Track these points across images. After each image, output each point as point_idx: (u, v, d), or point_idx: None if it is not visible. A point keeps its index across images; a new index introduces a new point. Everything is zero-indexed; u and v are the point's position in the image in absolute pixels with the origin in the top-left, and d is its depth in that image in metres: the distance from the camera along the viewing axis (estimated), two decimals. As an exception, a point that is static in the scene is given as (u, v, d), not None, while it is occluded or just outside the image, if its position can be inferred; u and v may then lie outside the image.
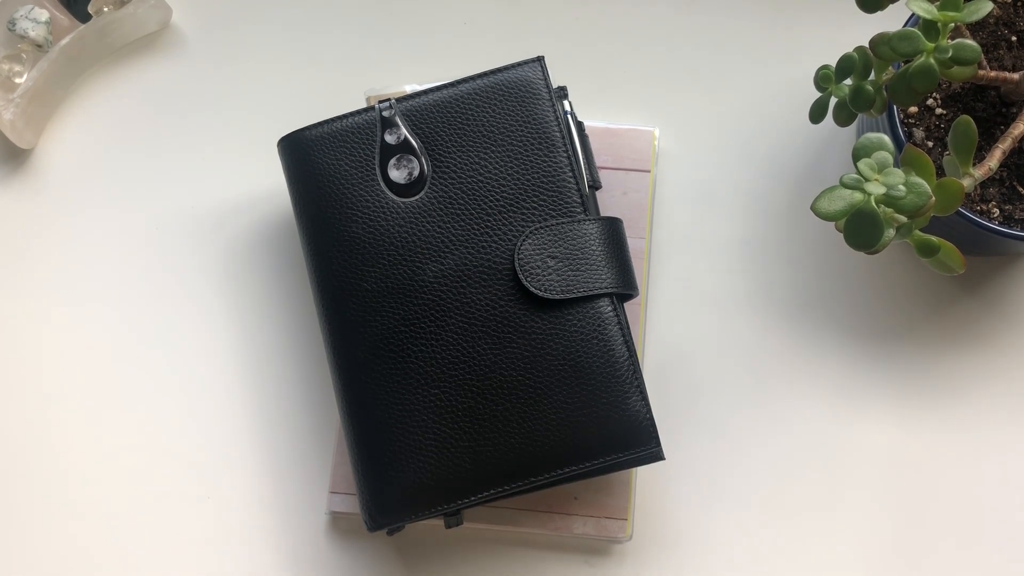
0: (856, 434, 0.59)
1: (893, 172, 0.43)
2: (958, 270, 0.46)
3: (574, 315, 0.53)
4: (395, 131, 0.55)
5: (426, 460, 0.52)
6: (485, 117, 0.55)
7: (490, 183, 0.54)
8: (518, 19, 0.64)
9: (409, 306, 0.53)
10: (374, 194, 0.54)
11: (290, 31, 0.65)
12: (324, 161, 0.55)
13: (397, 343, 0.53)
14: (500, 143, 0.55)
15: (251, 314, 0.61)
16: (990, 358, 0.60)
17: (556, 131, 0.55)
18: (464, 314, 0.53)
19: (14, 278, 0.62)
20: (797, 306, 0.61)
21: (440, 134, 0.55)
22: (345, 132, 0.55)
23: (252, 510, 0.59)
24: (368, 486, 0.53)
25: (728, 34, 0.64)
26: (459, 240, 0.54)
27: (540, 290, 0.52)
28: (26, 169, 0.64)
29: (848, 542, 0.58)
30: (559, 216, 0.54)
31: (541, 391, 0.52)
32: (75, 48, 0.63)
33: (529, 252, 0.53)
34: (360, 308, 0.53)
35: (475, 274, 0.53)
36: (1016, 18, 0.55)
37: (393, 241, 0.54)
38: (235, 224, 0.62)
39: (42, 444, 0.60)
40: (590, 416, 0.52)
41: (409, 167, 0.54)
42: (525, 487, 0.52)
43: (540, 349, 0.53)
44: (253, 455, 0.59)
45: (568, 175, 0.54)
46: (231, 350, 0.61)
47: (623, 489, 0.57)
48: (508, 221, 0.54)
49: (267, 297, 0.61)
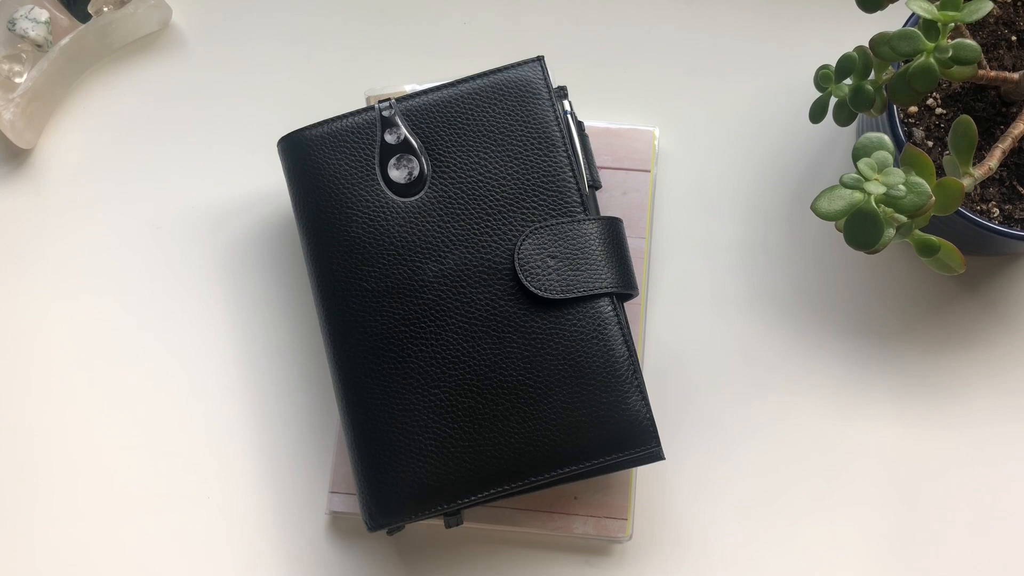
0: (856, 433, 0.59)
1: (893, 172, 0.43)
2: (958, 270, 0.46)
3: (574, 315, 0.53)
4: (395, 131, 0.55)
5: (426, 460, 0.52)
6: (485, 117, 0.55)
7: (490, 183, 0.54)
8: (518, 19, 0.64)
9: (409, 306, 0.53)
10: (374, 194, 0.54)
11: (290, 31, 0.65)
12: (324, 161, 0.55)
13: (397, 342, 0.53)
14: (500, 143, 0.55)
15: (252, 313, 0.61)
16: (990, 358, 0.60)
17: (556, 131, 0.55)
18: (464, 314, 0.53)
19: (14, 277, 0.62)
20: (797, 306, 0.61)
21: (440, 134, 0.55)
22: (345, 132, 0.55)
23: (253, 510, 0.59)
24: (368, 486, 0.53)
25: (728, 34, 0.64)
26: (459, 240, 0.54)
27: (540, 290, 0.52)
28: (26, 169, 0.64)
29: (848, 541, 0.58)
30: (559, 216, 0.54)
31: (541, 391, 0.52)
32: (75, 48, 0.63)
33: (529, 252, 0.53)
34: (360, 308, 0.53)
35: (475, 274, 0.53)
36: (1016, 18, 0.55)
37: (393, 241, 0.54)
38: (235, 224, 0.62)
39: (42, 444, 0.60)
40: (590, 416, 0.52)
41: (409, 167, 0.54)
42: (525, 487, 0.52)
43: (540, 349, 0.52)
44: (254, 455, 0.59)
45: (568, 175, 0.54)
46: (232, 350, 0.61)
47: (623, 489, 0.57)
48: (508, 221, 0.54)
49: (268, 296, 0.61)
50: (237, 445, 0.59)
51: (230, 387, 0.60)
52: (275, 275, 0.62)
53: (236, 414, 0.60)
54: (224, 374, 0.60)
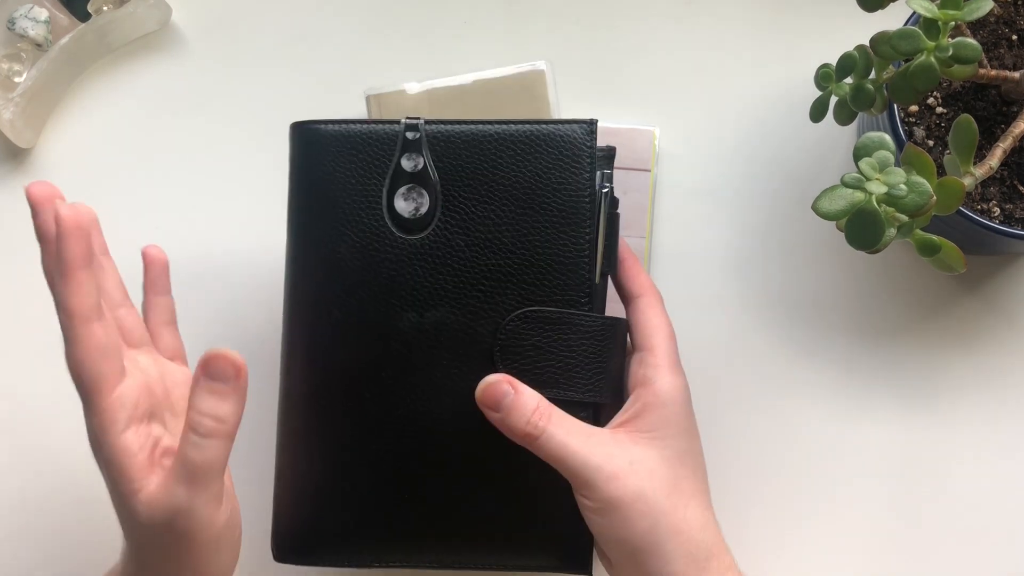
0: (856, 433, 0.59)
1: (894, 171, 0.43)
2: (959, 269, 0.46)
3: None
4: (414, 157, 0.50)
5: (349, 512, 0.49)
6: (514, 168, 0.49)
7: (498, 243, 0.49)
8: (518, 19, 0.64)
9: (375, 349, 0.49)
10: (373, 218, 0.50)
11: (290, 30, 0.65)
12: (331, 164, 0.50)
13: (352, 383, 0.49)
14: (521, 202, 0.49)
15: (252, 313, 0.61)
16: (990, 358, 0.60)
17: (585, 206, 0.49)
18: (429, 377, 0.49)
19: (13, 277, 0.62)
20: (798, 305, 0.60)
21: (461, 172, 0.49)
22: (361, 138, 0.50)
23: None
24: (283, 518, 0.51)
25: (728, 34, 0.64)
26: (447, 296, 0.49)
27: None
28: (26, 168, 0.64)
29: (848, 541, 0.58)
30: (560, 302, 0.49)
31: (486, 480, 0.49)
32: (74, 47, 0.63)
33: (513, 332, 0.49)
34: (325, 334, 0.49)
35: (452, 337, 0.49)
36: (1017, 17, 0.55)
37: (378, 276, 0.49)
38: (235, 223, 0.62)
39: (41, 443, 0.60)
40: (528, 520, 0.50)
41: (418, 201, 0.49)
42: (443, 567, 0.50)
43: (497, 438, 0.48)
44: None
45: (583, 259, 0.49)
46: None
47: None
48: (504, 291, 0.49)
49: (266, 300, 0.61)
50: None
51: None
52: (276, 276, 0.61)
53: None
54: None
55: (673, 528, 0.46)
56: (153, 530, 0.43)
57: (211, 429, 0.41)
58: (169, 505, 0.42)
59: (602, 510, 0.46)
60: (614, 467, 0.46)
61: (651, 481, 0.46)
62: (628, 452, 0.47)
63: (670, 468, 0.47)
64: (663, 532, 0.46)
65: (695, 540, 0.47)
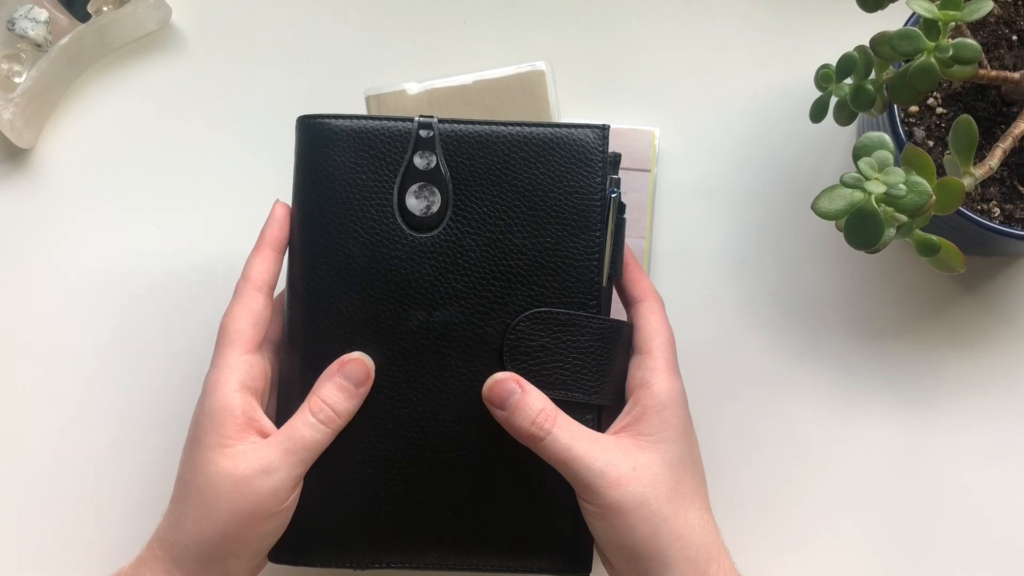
0: (856, 434, 0.59)
1: (894, 171, 0.43)
2: (959, 269, 0.46)
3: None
4: (427, 155, 0.49)
5: (345, 513, 0.49)
6: (527, 170, 0.49)
7: (509, 245, 0.49)
8: (518, 19, 0.64)
9: (381, 349, 0.49)
10: (383, 215, 0.49)
11: (290, 30, 0.65)
12: (341, 160, 0.49)
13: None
14: (533, 204, 0.49)
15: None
16: (990, 358, 0.60)
17: (595, 210, 0.49)
18: (436, 377, 0.49)
19: (13, 277, 0.62)
20: (797, 305, 0.60)
21: (474, 172, 0.49)
22: (373, 135, 0.49)
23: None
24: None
25: (728, 34, 0.64)
26: (457, 295, 0.49)
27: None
28: (25, 169, 0.64)
29: (848, 541, 0.58)
30: (569, 304, 0.49)
31: (488, 483, 0.49)
32: (74, 48, 0.63)
33: (522, 332, 0.49)
34: (330, 331, 0.49)
35: (461, 337, 0.49)
36: (1017, 17, 0.55)
37: (387, 273, 0.49)
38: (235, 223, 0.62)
39: (41, 443, 0.60)
40: (528, 523, 0.50)
41: (430, 200, 0.49)
42: (444, 568, 0.50)
43: (501, 440, 0.48)
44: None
45: (592, 262, 0.49)
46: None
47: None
48: (513, 292, 0.49)
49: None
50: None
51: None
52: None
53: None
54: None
55: (674, 533, 0.46)
56: (220, 486, 0.45)
57: (327, 418, 0.47)
58: (259, 461, 0.46)
59: (604, 515, 0.46)
60: (617, 473, 0.46)
61: (653, 487, 0.46)
62: (631, 457, 0.47)
63: (672, 472, 0.48)
64: (664, 537, 0.46)
65: (695, 544, 0.47)
